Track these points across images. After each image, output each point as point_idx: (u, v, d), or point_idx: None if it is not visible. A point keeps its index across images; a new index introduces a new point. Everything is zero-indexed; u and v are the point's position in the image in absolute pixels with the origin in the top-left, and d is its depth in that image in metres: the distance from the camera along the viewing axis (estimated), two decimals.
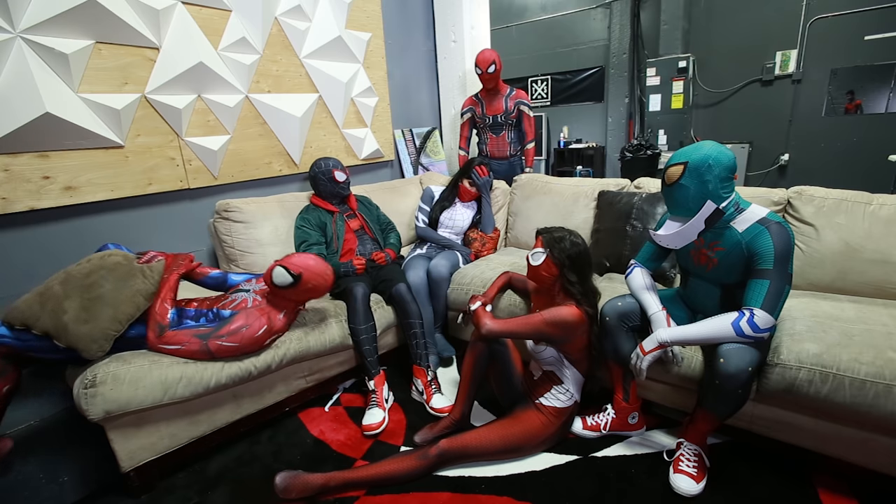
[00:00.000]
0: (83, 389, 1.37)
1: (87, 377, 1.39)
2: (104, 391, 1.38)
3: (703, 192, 1.32)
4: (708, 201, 1.32)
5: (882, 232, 1.68)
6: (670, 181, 1.36)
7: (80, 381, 1.39)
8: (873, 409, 1.25)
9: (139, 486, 1.52)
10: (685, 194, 1.34)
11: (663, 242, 1.45)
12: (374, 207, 2.47)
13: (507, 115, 2.97)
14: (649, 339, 1.45)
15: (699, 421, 1.44)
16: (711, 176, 1.30)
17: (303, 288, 1.66)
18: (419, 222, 2.53)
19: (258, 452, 1.73)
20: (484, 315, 1.56)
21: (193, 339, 1.53)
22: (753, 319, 1.27)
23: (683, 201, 1.36)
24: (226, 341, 1.55)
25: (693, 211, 1.35)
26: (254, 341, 1.61)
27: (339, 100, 2.78)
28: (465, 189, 2.49)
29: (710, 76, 5.40)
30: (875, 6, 4.38)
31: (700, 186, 1.31)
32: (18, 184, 1.71)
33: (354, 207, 2.35)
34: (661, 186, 1.43)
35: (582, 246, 1.55)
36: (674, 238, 1.41)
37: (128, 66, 1.92)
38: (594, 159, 6.37)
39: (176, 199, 2.20)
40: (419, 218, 2.54)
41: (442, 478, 1.53)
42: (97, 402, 1.37)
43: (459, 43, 3.35)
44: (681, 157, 1.35)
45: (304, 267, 1.65)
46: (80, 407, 1.38)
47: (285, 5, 2.44)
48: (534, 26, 6.73)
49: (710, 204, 1.32)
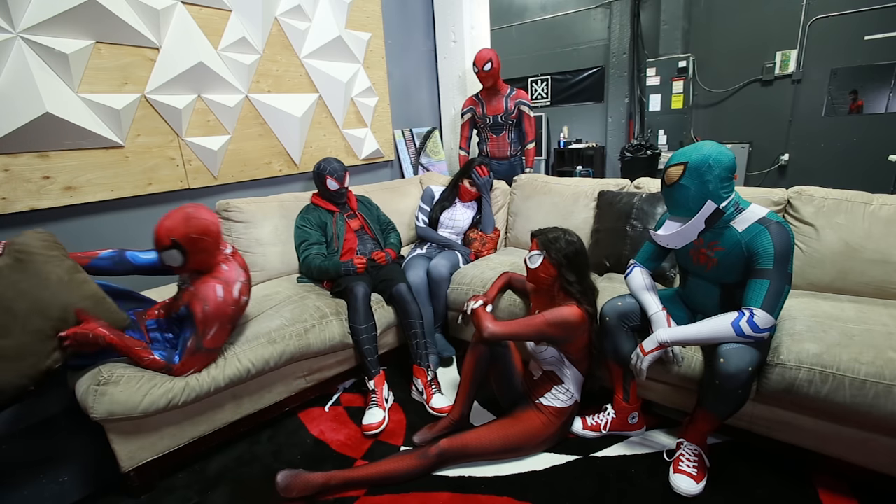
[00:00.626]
0: (94, 385, 1.37)
1: (101, 373, 1.40)
2: (114, 391, 1.38)
3: (703, 192, 1.32)
4: (708, 201, 1.32)
5: (882, 232, 1.68)
6: (670, 181, 1.36)
7: (93, 376, 1.39)
8: (873, 409, 1.25)
9: (139, 486, 1.52)
10: (685, 194, 1.34)
11: (663, 242, 1.45)
12: (374, 207, 2.47)
13: (508, 116, 2.97)
14: (649, 339, 1.45)
15: (699, 421, 1.44)
16: (711, 176, 1.30)
17: (196, 247, 1.43)
18: (419, 222, 2.53)
19: (258, 452, 1.73)
20: (485, 318, 1.56)
21: (195, 356, 1.50)
22: (753, 319, 1.27)
23: (684, 201, 1.35)
24: (212, 331, 1.47)
25: (693, 211, 1.34)
26: (230, 305, 1.49)
27: (339, 100, 2.78)
28: (466, 189, 2.49)
29: (710, 76, 5.40)
30: (875, 6, 4.38)
31: (700, 186, 1.31)
32: (18, 184, 1.71)
33: (355, 207, 2.34)
34: (661, 187, 1.43)
35: (578, 244, 1.55)
36: (674, 238, 1.41)
37: (128, 66, 1.92)
38: (594, 159, 6.37)
39: (176, 199, 2.20)
40: (419, 218, 2.54)
41: (442, 478, 1.53)
42: (104, 401, 1.37)
43: (459, 43, 3.35)
44: (681, 158, 1.35)
45: (168, 229, 1.40)
46: (84, 403, 1.37)
47: (285, 5, 2.44)
48: (534, 26, 6.73)
49: (710, 204, 1.31)
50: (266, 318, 1.79)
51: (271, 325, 1.75)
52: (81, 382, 1.41)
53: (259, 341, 1.68)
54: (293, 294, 2.00)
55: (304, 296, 1.99)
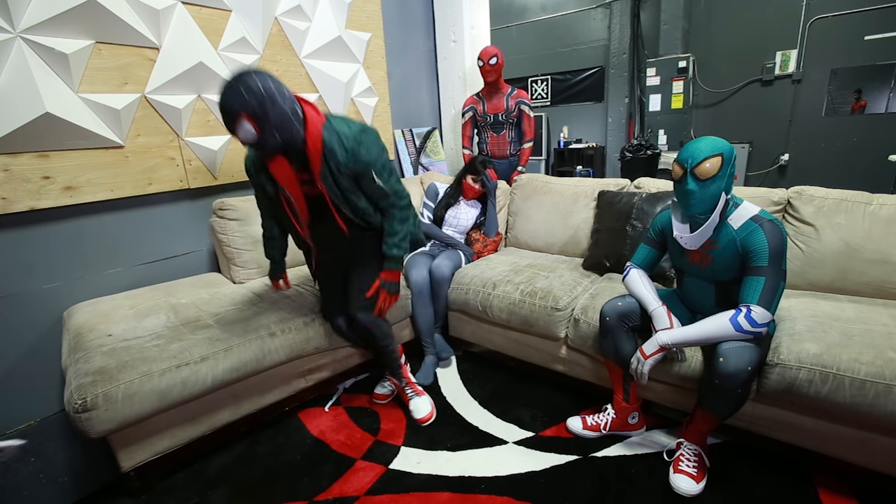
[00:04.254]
0: (75, 414, 1.32)
1: (75, 401, 1.31)
2: (98, 414, 1.34)
3: (728, 184, 1.31)
4: (722, 193, 1.31)
5: (882, 232, 1.68)
6: (708, 176, 1.28)
7: (69, 403, 1.32)
8: (873, 409, 1.25)
9: (139, 486, 1.52)
10: (718, 188, 1.30)
11: (689, 245, 1.40)
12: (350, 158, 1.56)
13: (509, 114, 2.98)
14: (649, 342, 1.45)
15: (699, 421, 1.44)
16: (732, 166, 1.31)
17: None
18: (423, 218, 2.52)
19: (258, 452, 1.73)
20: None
21: None
22: (751, 315, 1.27)
23: (712, 197, 1.30)
24: None
25: (713, 207, 1.32)
26: None
27: (339, 100, 2.78)
28: (469, 186, 2.46)
29: (710, 76, 5.40)
30: (875, 6, 4.38)
31: (728, 178, 1.31)
32: (18, 184, 1.71)
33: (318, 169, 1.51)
34: (684, 186, 1.33)
35: None
36: (696, 238, 1.37)
37: (128, 66, 1.92)
38: (594, 159, 6.37)
39: (176, 199, 2.20)
40: (423, 214, 2.53)
41: (442, 478, 1.54)
42: (93, 423, 1.34)
43: (459, 43, 3.35)
44: (712, 150, 1.28)
45: None
46: (76, 428, 1.34)
47: (285, 5, 2.44)
48: (534, 26, 6.73)
49: (723, 196, 1.32)
50: (265, 312, 1.79)
51: (270, 318, 1.76)
52: (67, 405, 1.36)
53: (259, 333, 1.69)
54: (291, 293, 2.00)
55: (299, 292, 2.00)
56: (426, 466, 1.60)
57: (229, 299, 1.92)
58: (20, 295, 1.78)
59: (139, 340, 1.56)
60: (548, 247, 2.53)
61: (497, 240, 2.55)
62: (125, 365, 1.44)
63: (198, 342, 1.58)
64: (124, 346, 1.52)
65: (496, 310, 2.02)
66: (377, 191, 1.57)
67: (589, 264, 2.19)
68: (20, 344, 1.80)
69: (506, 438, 1.72)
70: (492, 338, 2.17)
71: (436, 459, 1.63)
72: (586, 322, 1.77)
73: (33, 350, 1.82)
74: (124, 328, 1.64)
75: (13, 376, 1.78)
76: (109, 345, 1.52)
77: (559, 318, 1.85)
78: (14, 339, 1.78)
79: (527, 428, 1.77)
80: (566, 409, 1.86)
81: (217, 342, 1.60)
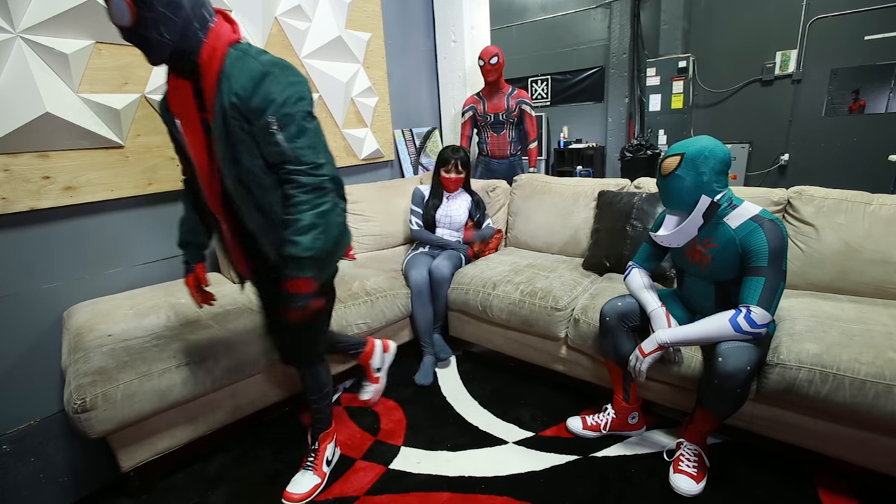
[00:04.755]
0: (75, 414, 1.33)
1: (74, 401, 1.32)
2: (97, 414, 1.35)
3: (698, 184, 1.33)
4: (703, 196, 1.33)
5: (882, 232, 1.68)
6: (666, 172, 1.38)
7: (69, 404, 1.33)
8: (873, 409, 1.25)
9: (139, 486, 1.52)
10: (680, 186, 1.35)
11: (665, 242, 1.45)
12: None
13: (509, 114, 2.98)
14: (648, 340, 1.45)
15: (699, 421, 1.44)
16: (707, 168, 1.32)
17: None
18: (413, 225, 2.48)
19: (258, 452, 1.73)
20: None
21: None
22: (751, 315, 1.27)
23: (678, 193, 1.37)
24: None
25: (688, 203, 1.36)
26: None
27: (339, 100, 2.78)
28: (447, 178, 2.40)
29: (710, 76, 5.40)
30: (875, 6, 4.38)
31: (695, 178, 1.33)
32: (18, 184, 1.71)
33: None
34: (657, 180, 1.44)
35: None
36: (675, 237, 1.42)
37: (128, 66, 1.92)
38: (594, 159, 6.37)
39: (176, 199, 2.18)
40: (412, 220, 2.48)
41: (442, 478, 1.54)
42: (93, 424, 1.34)
43: (459, 43, 3.35)
44: (677, 149, 1.38)
45: None
46: (76, 428, 1.35)
47: (285, 5, 2.44)
48: (534, 26, 6.73)
49: (705, 198, 1.33)
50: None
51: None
52: (66, 405, 1.36)
53: (259, 333, 1.69)
54: None
55: None
56: (426, 466, 1.60)
57: (229, 299, 1.92)
58: (20, 295, 1.78)
59: (139, 340, 1.56)
60: (548, 247, 2.53)
61: (498, 237, 2.54)
62: (125, 365, 1.44)
63: (198, 342, 1.58)
64: (124, 346, 1.52)
65: (496, 310, 2.02)
66: (273, 149, 1.09)
67: (589, 264, 2.19)
68: (20, 344, 1.80)
69: (506, 438, 1.72)
70: (492, 338, 2.17)
71: (436, 459, 1.63)
72: (586, 322, 1.77)
73: (33, 350, 1.82)
74: (124, 328, 1.64)
75: (13, 376, 1.78)
76: (109, 345, 1.52)
77: (559, 318, 1.85)
78: (14, 339, 1.78)
79: (527, 428, 1.77)
80: (566, 409, 1.86)
81: (217, 342, 1.60)
